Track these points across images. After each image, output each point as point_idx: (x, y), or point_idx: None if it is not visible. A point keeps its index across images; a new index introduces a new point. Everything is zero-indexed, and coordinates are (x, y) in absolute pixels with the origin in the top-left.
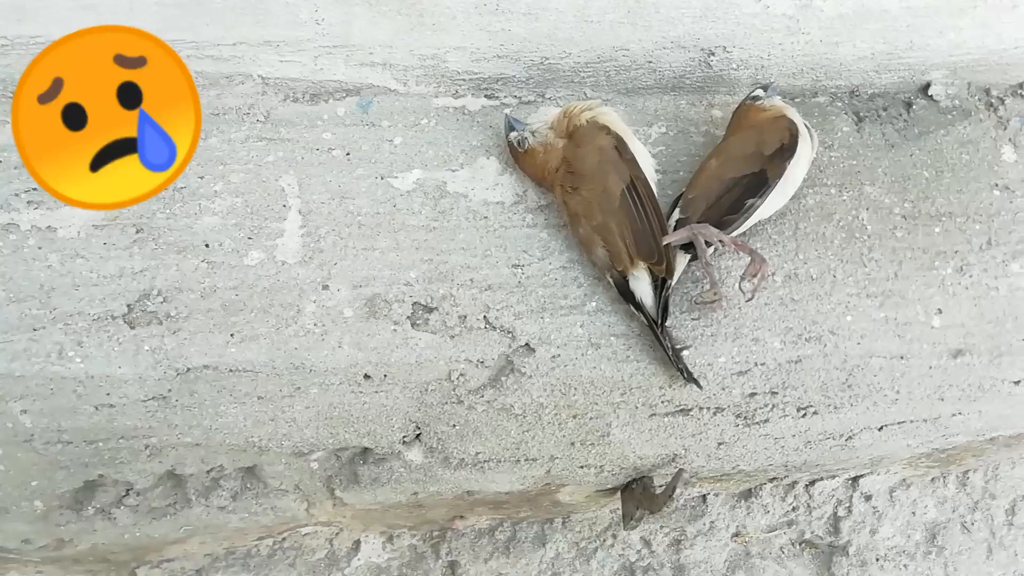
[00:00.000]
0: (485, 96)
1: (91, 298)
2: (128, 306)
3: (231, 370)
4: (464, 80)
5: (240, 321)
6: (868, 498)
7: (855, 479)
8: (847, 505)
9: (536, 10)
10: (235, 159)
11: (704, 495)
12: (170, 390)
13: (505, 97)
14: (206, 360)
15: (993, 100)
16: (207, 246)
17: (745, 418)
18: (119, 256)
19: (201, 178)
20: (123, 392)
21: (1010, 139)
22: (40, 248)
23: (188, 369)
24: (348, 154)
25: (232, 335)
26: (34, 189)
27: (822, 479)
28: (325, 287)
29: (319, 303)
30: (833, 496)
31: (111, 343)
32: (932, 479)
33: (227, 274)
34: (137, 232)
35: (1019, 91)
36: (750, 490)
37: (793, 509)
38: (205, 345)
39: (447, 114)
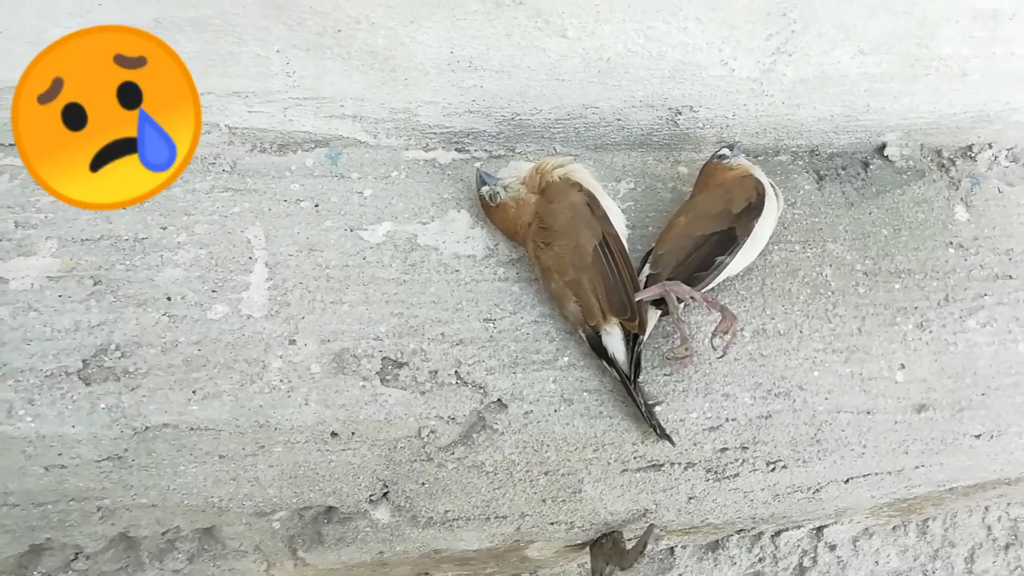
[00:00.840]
0: (456, 149)
1: (44, 353)
2: (84, 361)
3: (192, 428)
4: (435, 133)
5: (202, 377)
6: (832, 548)
7: (819, 529)
8: (812, 555)
9: (508, 68)
10: (200, 210)
11: (672, 547)
12: (126, 450)
13: (476, 151)
14: (166, 418)
15: (945, 161)
16: (169, 299)
17: (716, 473)
18: (75, 309)
19: (164, 229)
20: (76, 452)
21: (962, 199)
22: None
23: (146, 428)
24: (317, 206)
25: (194, 392)
26: None
27: (788, 529)
28: (292, 342)
29: (285, 358)
30: (799, 546)
31: (64, 401)
32: (893, 527)
33: (189, 328)
34: (95, 284)
35: (968, 153)
36: (717, 541)
37: (760, 560)
38: (165, 402)
39: (418, 167)
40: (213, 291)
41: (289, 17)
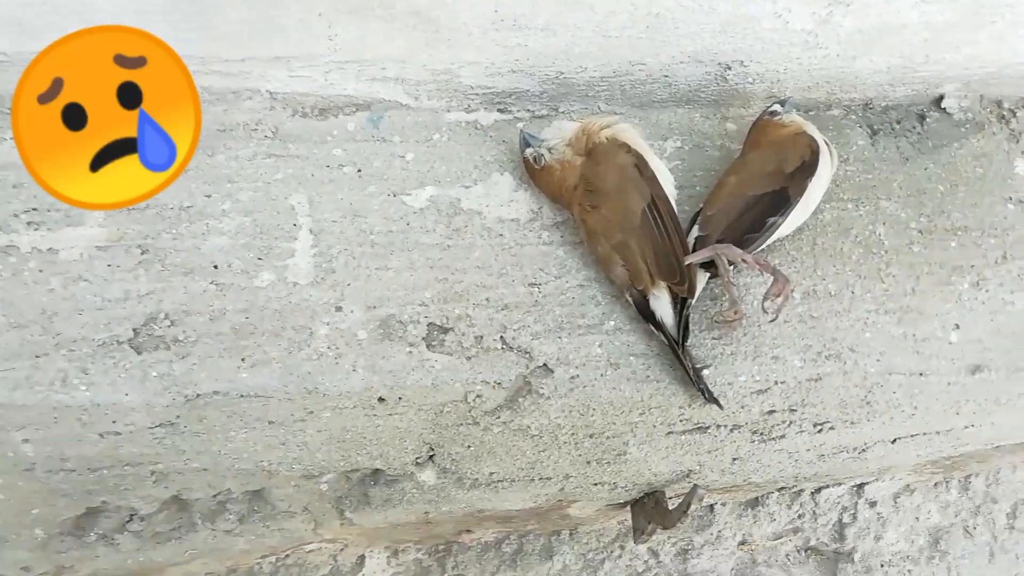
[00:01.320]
0: (498, 110)
1: (95, 323)
2: (134, 330)
3: (242, 395)
4: (477, 94)
5: (251, 345)
6: (873, 504)
7: (860, 486)
8: (852, 512)
9: (554, 26)
10: (243, 177)
11: (712, 505)
12: (178, 416)
13: (518, 111)
14: (216, 386)
15: (1005, 113)
16: (215, 267)
17: (761, 434)
18: (124, 278)
19: (208, 197)
20: (130, 420)
21: (1022, 152)
22: (41, 271)
23: (197, 395)
24: (359, 171)
25: (243, 359)
26: (34, 210)
27: (828, 487)
28: (338, 309)
29: (332, 325)
30: (838, 503)
31: (117, 370)
32: (935, 484)
33: (236, 296)
34: (142, 253)
35: None
36: (757, 499)
37: (799, 516)
38: (215, 370)
39: (459, 129)
40: (259, 259)
41: None
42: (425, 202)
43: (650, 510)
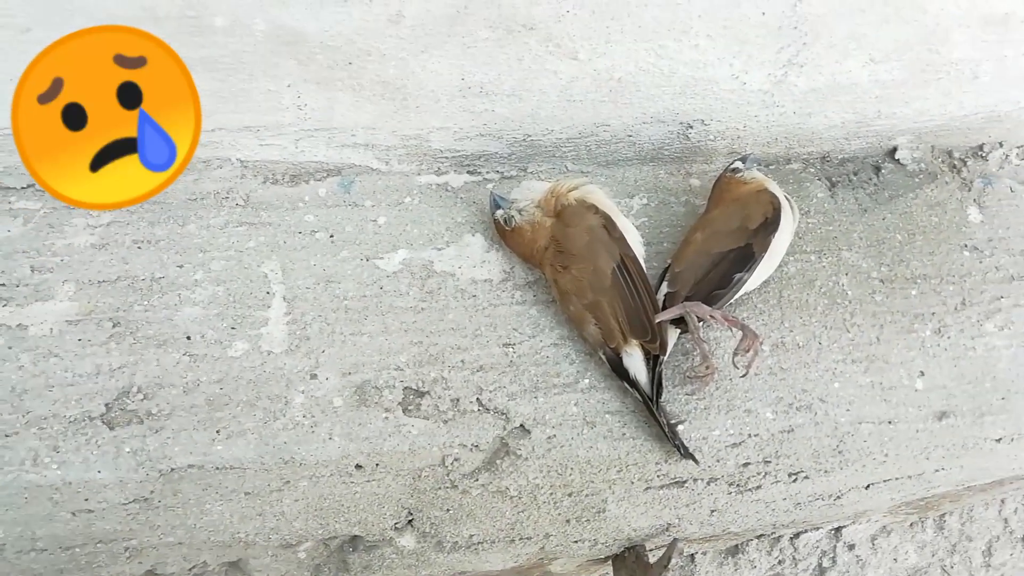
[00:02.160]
0: (468, 172)
1: (67, 399)
2: (107, 405)
3: (217, 468)
4: (447, 157)
5: (226, 416)
6: (851, 547)
7: (838, 529)
8: (831, 555)
9: (520, 92)
10: (215, 246)
11: (692, 554)
12: (152, 492)
13: (488, 172)
14: (191, 459)
15: (956, 162)
16: (188, 338)
17: (738, 486)
18: (95, 353)
19: (180, 267)
20: (102, 497)
21: (975, 200)
22: (10, 348)
23: (172, 469)
24: (332, 236)
25: (218, 431)
26: (2, 285)
27: (807, 531)
28: (313, 376)
29: (308, 393)
30: (817, 547)
31: (89, 446)
32: (911, 524)
33: (211, 367)
34: (114, 326)
35: (979, 153)
36: (736, 546)
37: (779, 562)
38: (189, 443)
39: (430, 191)
40: (232, 328)
41: (299, 53)
42: (398, 265)
43: (631, 564)
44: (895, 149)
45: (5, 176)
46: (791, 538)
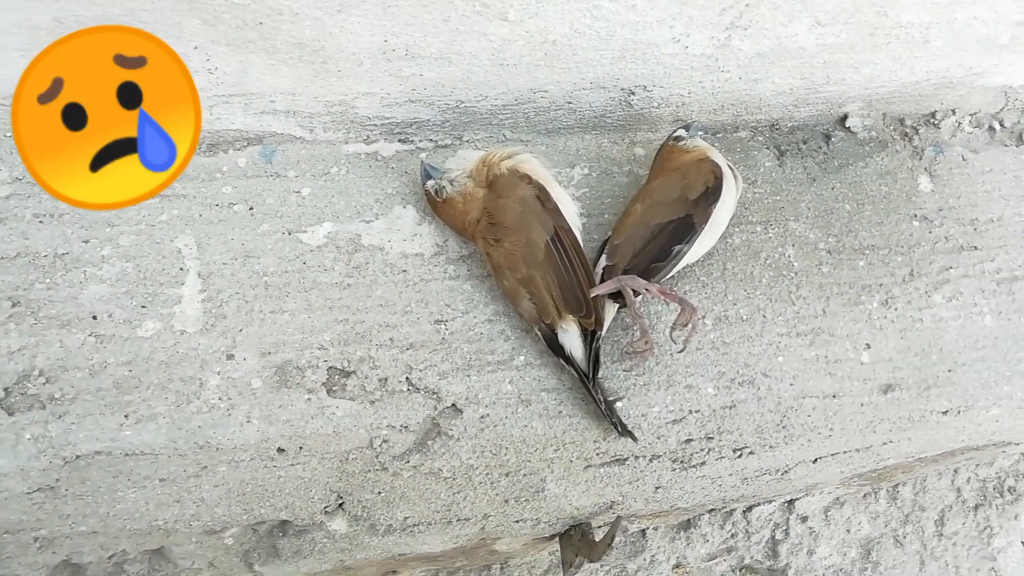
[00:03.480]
0: (399, 141)
1: None
2: (5, 390)
3: (127, 454)
4: (376, 125)
5: (135, 400)
6: (804, 519)
7: (791, 502)
8: (784, 528)
9: (448, 55)
10: (124, 220)
11: (643, 530)
12: (58, 480)
13: (420, 141)
14: (97, 445)
15: (908, 130)
16: (95, 318)
17: (682, 463)
18: None
19: (86, 242)
20: (3, 486)
21: (925, 168)
22: None
23: (77, 456)
24: (251, 209)
25: (127, 416)
26: None
27: (759, 504)
28: (230, 356)
29: (224, 375)
30: (770, 520)
31: None
32: (864, 495)
33: (119, 348)
34: (13, 306)
35: (931, 120)
36: (688, 521)
37: (732, 536)
38: (96, 429)
39: (359, 161)
40: (143, 307)
41: (204, 11)
42: (323, 239)
43: (577, 542)
44: (846, 117)
45: None
46: (743, 511)
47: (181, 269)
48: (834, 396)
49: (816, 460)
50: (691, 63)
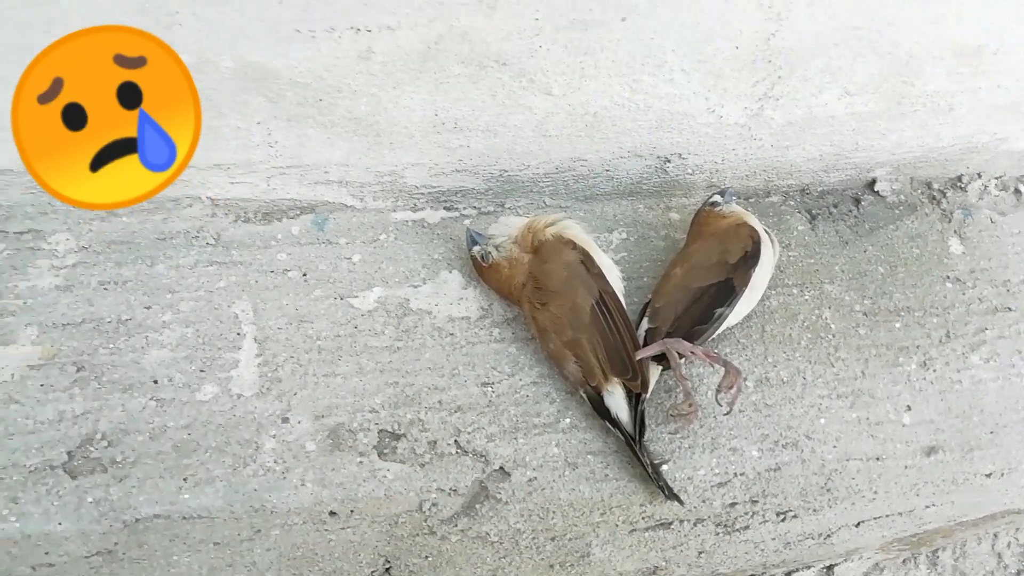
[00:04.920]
0: (444, 208)
1: (27, 447)
2: (69, 453)
3: (184, 517)
4: (423, 194)
5: (194, 463)
6: None
7: (830, 567)
8: None
9: (495, 127)
10: (184, 286)
11: None
12: (116, 543)
13: (464, 208)
14: (156, 509)
15: (935, 193)
16: (156, 382)
17: (726, 526)
18: (58, 398)
19: (148, 308)
20: (64, 550)
21: (955, 231)
22: None
23: (136, 520)
24: (305, 275)
25: (185, 479)
26: None
27: (798, 570)
28: (285, 420)
29: (279, 438)
30: None
31: (50, 497)
32: (903, 560)
33: (178, 412)
34: (78, 371)
35: (958, 184)
36: None
37: None
38: (155, 492)
39: (406, 228)
40: (201, 371)
41: (268, 90)
42: (373, 304)
43: None
44: (874, 181)
45: None
46: None
47: (238, 334)
48: (877, 458)
49: (859, 524)
50: (725, 132)
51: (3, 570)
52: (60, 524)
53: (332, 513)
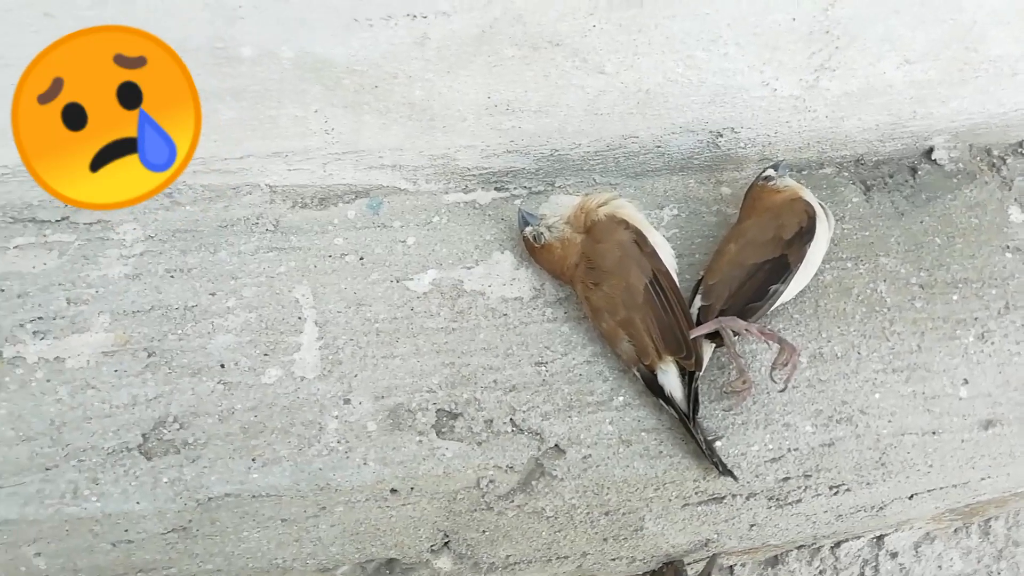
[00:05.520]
0: (495, 189)
1: (104, 431)
2: (143, 436)
3: (254, 496)
4: (474, 175)
5: (261, 444)
6: (894, 555)
7: (880, 537)
8: (874, 564)
9: (547, 107)
10: (246, 272)
11: (731, 566)
12: (191, 521)
13: (515, 188)
14: (227, 488)
15: (995, 160)
16: (222, 366)
17: (778, 500)
18: (131, 383)
19: (212, 295)
20: (142, 527)
21: (1016, 199)
22: (48, 381)
23: (209, 499)
24: (362, 259)
25: (254, 459)
26: (39, 319)
27: (847, 540)
28: (347, 401)
29: (341, 418)
30: (859, 556)
31: (127, 478)
32: (955, 530)
33: (245, 394)
34: (149, 356)
35: (1019, 150)
36: (776, 557)
37: (820, 572)
38: (226, 472)
39: (458, 209)
40: (265, 355)
41: (326, 78)
42: (428, 286)
43: None
44: (931, 149)
45: (40, 210)
46: (832, 547)
47: (299, 318)
48: (934, 433)
49: (912, 496)
50: (779, 104)
51: (86, 546)
52: (138, 503)
53: (393, 490)
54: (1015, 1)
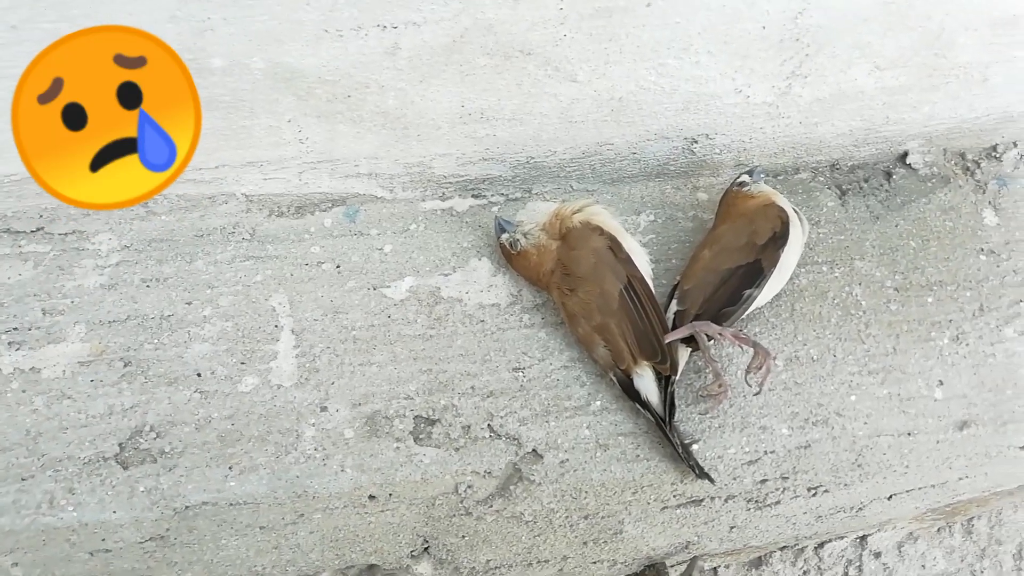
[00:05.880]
0: (472, 196)
1: (80, 440)
2: (120, 445)
3: (231, 504)
4: (451, 183)
5: (238, 452)
6: (878, 555)
7: (863, 538)
8: (857, 564)
9: (520, 115)
10: (223, 281)
11: (715, 568)
12: (168, 529)
13: (492, 195)
14: (205, 496)
15: (969, 164)
16: (199, 375)
17: (756, 502)
18: (107, 393)
19: (188, 304)
20: (119, 536)
21: (989, 202)
22: (24, 392)
23: (186, 507)
24: (338, 267)
25: (231, 467)
26: (15, 329)
27: (831, 540)
28: (323, 408)
29: (318, 426)
30: (843, 556)
31: (104, 487)
32: (938, 530)
33: (221, 403)
34: (125, 366)
35: (993, 154)
36: (760, 558)
37: (804, 573)
38: (203, 480)
39: (435, 217)
40: (242, 363)
41: (298, 88)
42: (405, 293)
43: None
44: (906, 154)
45: (14, 220)
46: (815, 548)
47: (276, 326)
48: (909, 434)
49: (891, 497)
50: (752, 111)
51: (63, 556)
52: (115, 512)
53: (371, 497)
54: (983, 10)
